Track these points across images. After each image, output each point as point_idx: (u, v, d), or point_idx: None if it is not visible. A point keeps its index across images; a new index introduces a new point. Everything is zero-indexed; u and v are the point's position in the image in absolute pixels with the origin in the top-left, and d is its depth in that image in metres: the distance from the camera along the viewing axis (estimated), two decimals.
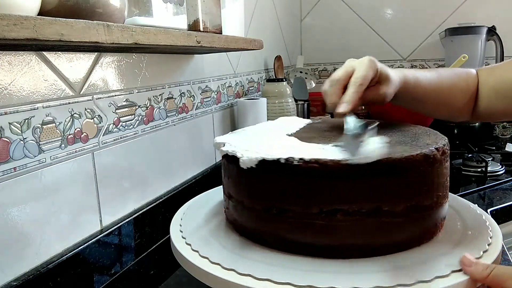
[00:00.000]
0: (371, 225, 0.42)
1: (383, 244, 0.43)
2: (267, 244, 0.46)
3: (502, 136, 1.38)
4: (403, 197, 0.42)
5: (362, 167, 0.40)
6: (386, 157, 0.41)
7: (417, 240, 0.45)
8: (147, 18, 0.61)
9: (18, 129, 0.49)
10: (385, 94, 0.53)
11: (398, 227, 0.43)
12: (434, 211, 0.45)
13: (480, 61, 1.43)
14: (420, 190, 0.43)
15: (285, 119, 0.66)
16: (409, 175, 0.42)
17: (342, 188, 0.41)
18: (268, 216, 0.45)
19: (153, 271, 0.66)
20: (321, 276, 0.39)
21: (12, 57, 0.48)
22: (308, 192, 0.42)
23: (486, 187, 0.95)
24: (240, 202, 0.48)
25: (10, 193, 0.49)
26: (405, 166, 0.41)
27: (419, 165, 0.42)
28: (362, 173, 0.41)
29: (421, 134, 0.53)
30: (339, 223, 0.42)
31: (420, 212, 0.44)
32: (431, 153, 0.43)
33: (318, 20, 1.78)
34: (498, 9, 1.51)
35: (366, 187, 0.41)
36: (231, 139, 0.52)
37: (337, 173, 0.41)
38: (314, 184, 0.42)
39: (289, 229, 0.44)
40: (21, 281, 0.49)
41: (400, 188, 0.42)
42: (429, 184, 0.44)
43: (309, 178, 0.42)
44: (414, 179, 0.42)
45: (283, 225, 0.44)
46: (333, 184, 0.41)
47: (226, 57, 1.07)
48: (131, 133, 0.70)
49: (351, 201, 0.41)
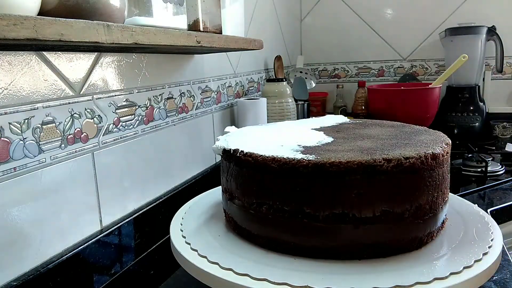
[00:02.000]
0: (370, 228, 0.42)
1: (382, 245, 0.43)
2: (264, 245, 0.46)
3: (502, 136, 1.38)
4: (402, 198, 0.42)
5: (357, 170, 0.40)
6: (385, 158, 0.41)
7: (417, 241, 0.44)
8: (147, 18, 0.61)
9: (18, 129, 0.49)
10: None
11: (397, 228, 0.42)
12: (434, 212, 0.45)
13: (480, 61, 1.43)
14: (420, 190, 0.43)
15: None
16: (408, 176, 0.42)
17: (307, 189, 0.41)
18: (260, 215, 0.45)
19: (153, 271, 0.66)
20: (318, 277, 0.39)
21: (12, 57, 0.48)
22: (300, 193, 0.42)
23: (486, 187, 0.95)
24: (234, 198, 0.49)
25: (10, 193, 0.49)
26: (404, 167, 0.41)
27: (418, 166, 0.42)
28: (360, 174, 0.40)
29: (421, 134, 0.53)
30: (336, 225, 0.42)
31: (420, 213, 0.43)
32: (431, 153, 0.43)
33: (318, 20, 1.78)
34: (498, 9, 1.51)
35: (333, 189, 0.41)
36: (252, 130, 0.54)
37: (334, 173, 0.41)
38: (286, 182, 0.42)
39: (284, 230, 0.44)
40: (21, 281, 0.49)
41: (399, 189, 0.42)
42: (429, 185, 0.44)
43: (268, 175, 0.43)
44: (413, 180, 0.42)
45: (278, 225, 0.44)
46: (328, 186, 0.41)
47: (226, 57, 1.07)
48: (131, 133, 0.70)
49: (348, 204, 0.41)
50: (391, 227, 0.42)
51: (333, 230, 0.42)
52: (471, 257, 0.41)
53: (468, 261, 0.40)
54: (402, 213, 0.42)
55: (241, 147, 0.47)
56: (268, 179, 0.44)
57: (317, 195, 0.42)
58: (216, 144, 0.51)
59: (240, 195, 0.48)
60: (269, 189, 0.44)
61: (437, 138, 0.51)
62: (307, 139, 0.51)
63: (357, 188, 0.41)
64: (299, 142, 0.50)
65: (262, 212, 0.45)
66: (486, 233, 0.47)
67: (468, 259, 0.41)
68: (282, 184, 0.43)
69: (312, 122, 0.65)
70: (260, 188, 0.45)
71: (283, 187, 0.43)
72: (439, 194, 0.45)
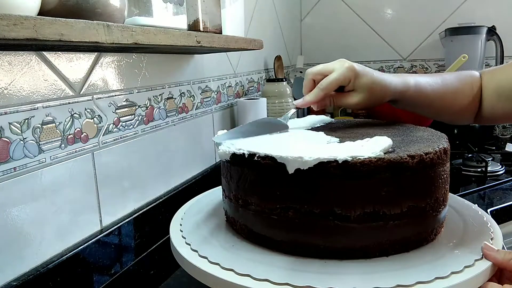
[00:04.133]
0: (398, 224, 0.42)
1: (383, 245, 0.43)
2: (290, 251, 0.45)
3: (502, 136, 1.38)
4: (402, 199, 0.42)
5: (358, 168, 0.40)
6: (409, 155, 0.41)
7: (418, 241, 0.45)
8: (147, 18, 0.61)
9: (18, 129, 0.49)
10: (353, 104, 0.57)
11: (398, 228, 0.43)
12: (434, 212, 0.45)
13: (480, 61, 1.43)
14: (420, 191, 0.43)
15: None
16: (428, 171, 0.42)
17: (339, 190, 0.41)
18: (285, 220, 0.44)
19: (153, 271, 0.66)
20: (320, 277, 0.39)
21: (12, 57, 0.48)
22: (304, 193, 0.42)
23: (486, 187, 0.95)
24: (250, 204, 0.47)
25: (10, 193, 0.49)
26: (425, 162, 0.42)
27: (418, 166, 0.42)
28: (389, 172, 0.41)
29: (421, 134, 0.53)
30: (368, 224, 0.42)
31: (420, 213, 0.43)
32: (431, 154, 0.43)
33: (318, 20, 1.78)
34: (498, 9, 1.51)
35: (364, 189, 0.41)
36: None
37: (334, 173, 0.41)
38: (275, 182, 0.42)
39: (313, 233, 0.43)
40: (21, 281, 0.49)
41: (399, 189, 0.42)
42: (429, 185, 0.44)
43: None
44: (432, 174, 0.43)
45: (306, 229, 0.43)
46: (358, 186, 0.41)
47: (226, 57, 1.07)
48: (131, 133, 0.70)
49: (350, 203, 0.41)
50: (416, 221, 0.43)
51: (364, 229, 0.42)
52: (471, 257, 0.41)
53: (468, 260, 0.40)
54: (424, 206, 0.43)
55: (255, 150, 0.44)
56: (295, 181, 0.42)
57: (348, 195, 0.41)
58: (222, 149, 0.48)
59: (258, 201, 0.45)
60: (297, 191, 0.42)
61: (433, 133, 0.52)
62: (314, 140, 0.50)
63: (386, 186, 0.41)
64: (308, 143, 0.49)
65: (287, 216, 0.43)
66: (486, 233, 0.47)
67: (469, 258, 0.41)
68: (311, 185, 0.42)
69: (299, 122, 0.63)
70: (285, 192, 0.43)
71: (312, 188, 0.42)
72: (438, 194, 0.46)
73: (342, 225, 0.41)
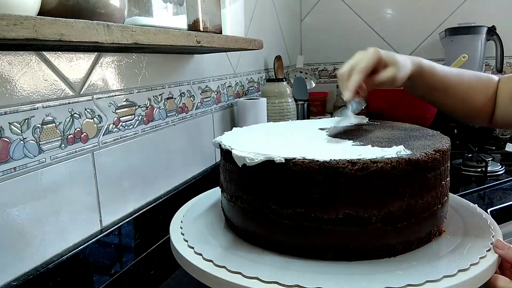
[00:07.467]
0: (372, 228, 0.42)
1: (386, 246, 0.43)
2: (260, 244, 0.46)
3: (502, 136, 1.38)
4: (402, 199, 0.42)
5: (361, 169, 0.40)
6: (425, 153, 0.42)
7: (419, 241, 0.45)
8: (147, 18, 0.61)
9: (18, 129, 0.49)
10: (394, 76, 0.58)
11: (398, 229, 0.43)
12: (435, 212, 0.45)
13: (480, 61, 1.43)
14: (420, 191, 0.43)
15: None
16: (408, 177, 0.42)
17: (336, 191, 0.41)
18: (254, 215, 0.45)
19: (153, 271, 0.66)
20: (309, 276, 0.39)
21: (12, 57, 0.48)
22: (296, 192, 0.42)
23: (486, 187, 0.95)
24: (232, 197, 0.48)
25: (10, 193, 0.49)
26: (404, 168, 0.41)
27: (419, 166, 0.42)
28: (359, 175, 0.40)
29: (421, 134, 0.53)
30: (382, 227, 0.42)
31: (421, 213, 0.44)
32: (431, 154, 0.43)
33: (318, 20, 1.78)
34: (498, 9, 1.51)
35: (364, 189, 0.41)
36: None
37: (333, 173, 0.41)
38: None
39: (282, 231, 0.44)
40: (21, 281, 0.49)
41: (399, 189, 0.42)
42: (429, 185, 0.44)
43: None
44: (413, 180, 0.42)
45: (273, 226, 0.44)
46: (325, 186, 0.41)
47: (226, 57, 1.07)
48: (131, 133, 0.70)
49: (349, 204, 0.41)
50: (393, 228, 0.43)
51: (379, 230, 0.42)
52: (476, 255, 0.41)
53: (473, 258, 0.41)
54: (402, 214, 0.43)
55: (284, 155, 0.42)
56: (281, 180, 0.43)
57: (329, 197, 0.42)
58: (247, 155, 0.44)
59: (246, 199, 0.47)
60: (279, 191, 0.43)
61: (437, 139, 0.52)
62: (314, 139, 0.51)
63: (406, 185, 0.42)
64: (311, 142, 0.50)
65: (270, 217, 0.45)
66: (488, 233, 0.47)
67: (473, 256, 0.41)
68: (357, 187, 0.41)
69: (297, 125, 0.64)
70: (269, 191, 0.44)
71: (358, 190, 0.41)
72: (439, 194, 0.46)
73: (323, 228, 0.42)
